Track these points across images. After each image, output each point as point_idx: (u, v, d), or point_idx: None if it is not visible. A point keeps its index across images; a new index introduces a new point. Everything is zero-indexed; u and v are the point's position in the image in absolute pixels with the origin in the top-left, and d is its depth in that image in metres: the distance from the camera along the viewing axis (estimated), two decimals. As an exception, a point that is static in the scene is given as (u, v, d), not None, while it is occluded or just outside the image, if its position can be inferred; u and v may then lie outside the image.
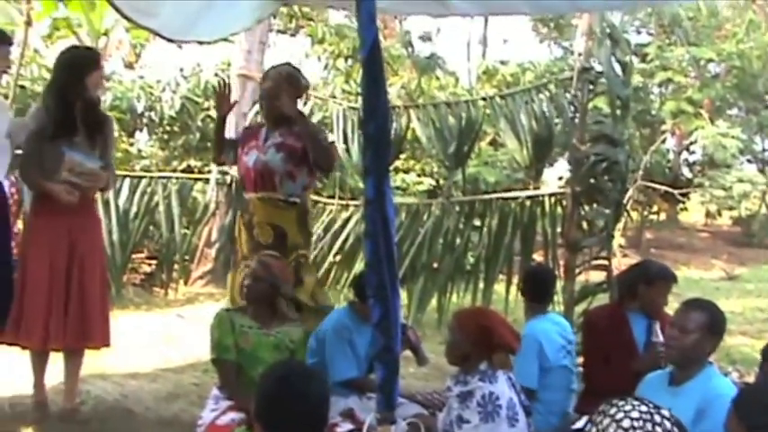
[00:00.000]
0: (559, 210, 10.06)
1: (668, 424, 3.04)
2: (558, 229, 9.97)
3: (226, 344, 5.59)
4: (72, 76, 6.22)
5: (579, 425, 5.28)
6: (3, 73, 6.61)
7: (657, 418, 3.04)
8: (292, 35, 21.07)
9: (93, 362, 6.84)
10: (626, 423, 3.03)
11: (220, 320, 5.68)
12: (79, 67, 6.27)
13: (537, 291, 6.43)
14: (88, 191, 5.96)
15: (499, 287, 10.43)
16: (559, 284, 8.04)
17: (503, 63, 21.34)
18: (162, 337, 9.21)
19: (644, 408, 3.08)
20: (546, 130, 10.02)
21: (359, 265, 10.31)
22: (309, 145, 6.54)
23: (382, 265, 3.92)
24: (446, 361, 5.27)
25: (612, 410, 3.10)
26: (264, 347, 5.62)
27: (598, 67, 9.26)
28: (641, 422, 3.02)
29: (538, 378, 5.97)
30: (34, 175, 6.17)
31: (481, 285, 10.36)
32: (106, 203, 10.13)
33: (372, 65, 4.15)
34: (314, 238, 11.19)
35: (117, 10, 6.60)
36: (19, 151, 6.51)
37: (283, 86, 6.66)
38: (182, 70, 16.89)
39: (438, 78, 19.71)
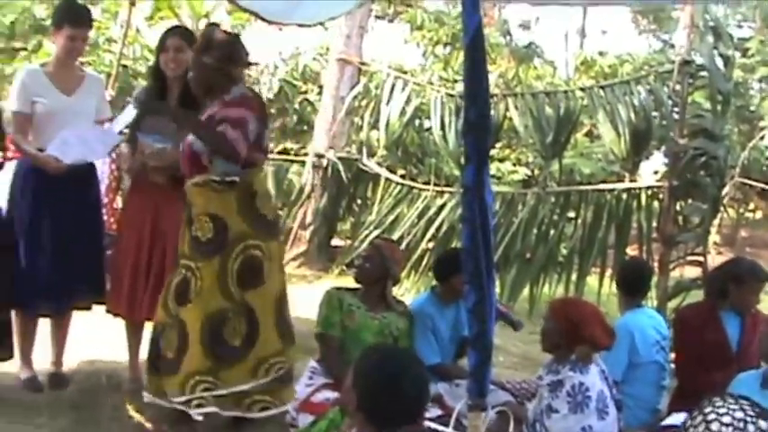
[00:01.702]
0: (655, 204, 9.98)
1: None
2: (654, 224, 9.89)
3: (332, 320, 5.72)
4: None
5: (669, 422, 5.28)
6: (78, 56, 6.49)
7: (751, 429, 2.79)
8: (390, 21, 21.07)
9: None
10: (715, 426, 2.81)
11: (330, 297, 5.81)
12: None
13: (632, 284, 6.37)
14: (176, 171, 5.93)
15: (591, 280, 10.38)
16: (653, 279, 7.96)
17: (601, 54, 21.09)
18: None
19: (739, 414, 2.82)
20: (644, 123, 9.94)
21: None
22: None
23: (479, 251, 3.91)
24: (535, 351, 5.26)
25: (708, 409, 2.87)
26: (368, 329, 5.72)
27: (699, 61, 9.16)
28: (731, 429, 2.79)
29: (628, 372, 5.92)
30: None
31: (574, 277, 10.31)
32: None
33: (475, 51, 4.14)
34: (407, 224, 11.27)
35: (220, -7, 6.69)
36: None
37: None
38: (280, 53, 17.01)
39: (536, 68, 19.60)
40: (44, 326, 6.38)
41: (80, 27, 6.17)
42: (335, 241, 13.15)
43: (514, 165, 15.66)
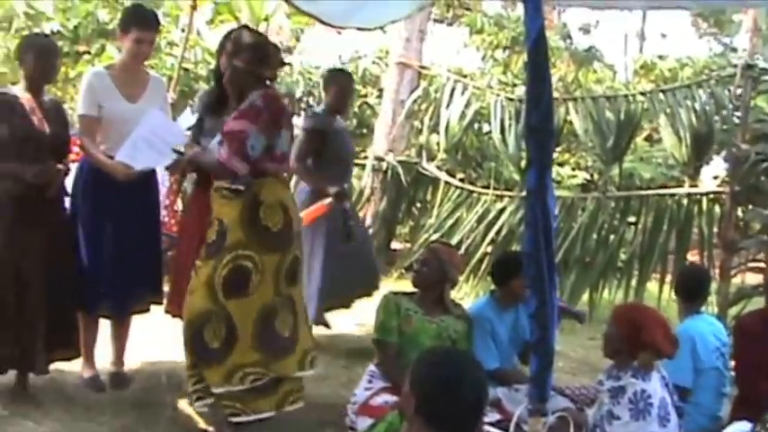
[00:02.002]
0: (717, 209, 9.90)
1: None
2: (715, 229, 9.81)
3: (389, 326, 5.68)
4: None
5: (731, 430, 5.23)
6: (144, 59, 6.52)
7: None
8: (449, 24, 21.08)
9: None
10: None
11: (386, 302, 5.77)
12: None
13: (691, 290, 6.32)
14: None
15: (651, 285, 10.31)
16: (714, 285, 7.89)
17: (661, 58, 20.95)
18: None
19: None
20: (706, 127, 9.88)
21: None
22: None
23: (541, 255, 3.91)
24: (595, 356, 5.23)
25: None
26: (426, 333, 5.66)
27: (762, 65, 9.09)
28: None
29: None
30: None
31: (633, 283, 10.25)
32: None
33: (537, 55, 4.14)
34: (466, 228, 11.26)
35: (281, -5, 6.72)
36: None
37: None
38: (340, 57, 17.06)
39: (595, 71, 19.49)
40: (106, 326, 6.47)
41: (147, 30, 6.23)
42: (394, 244, 13.16)
43: (574, 169, 15.57)
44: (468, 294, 10.52)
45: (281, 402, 5.58)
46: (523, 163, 11.30)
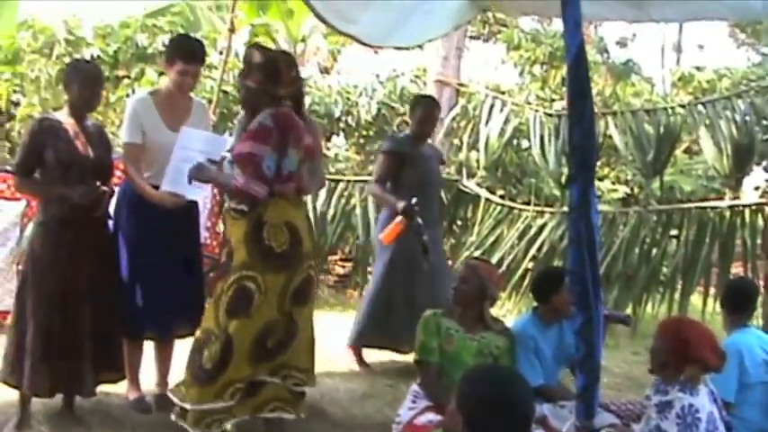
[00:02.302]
0: (760, 221, 9.84)
1: None
2: (758, 241, 9.75)
3: (430, 346, 5.65)
4: None
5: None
6: (189, 90, 6.50)
7: None
8: (485, 41, 21.07)
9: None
10: None
11: (426, 322, 5.73)
12: None
13: (738, 303, 6.27)
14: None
15: (695, 299, 10.25)
16: (759, 298, 7.84)
17: (698, 69, 20.85)
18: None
19: None
20: (746, 138, 9.84)
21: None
22: None
23: (586, 271, 3.91)
24: (639, 371, 5.20)
25: None
26: (468, 351, 5.64)
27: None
28: None
29: (736, 393, 5.83)
30: None
31: (677, 296, 10.19)
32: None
33: (578, 71, 4.15)
34: (507, 245, 11.23)
35: (319, 17, 6.79)
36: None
37: None
38: (378, 76, 17.07)
39: (633, 85, 19.42)
40: (150, 348, 6.55)
41: (192, 63, 6.28)
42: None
43: (614, 183, 15.53)
44: (511, 311, 10.49)
45: (258, 407, 5.67)
46: (563, 178, 11.31)
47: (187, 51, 6.30)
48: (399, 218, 7.45)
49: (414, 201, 7.48)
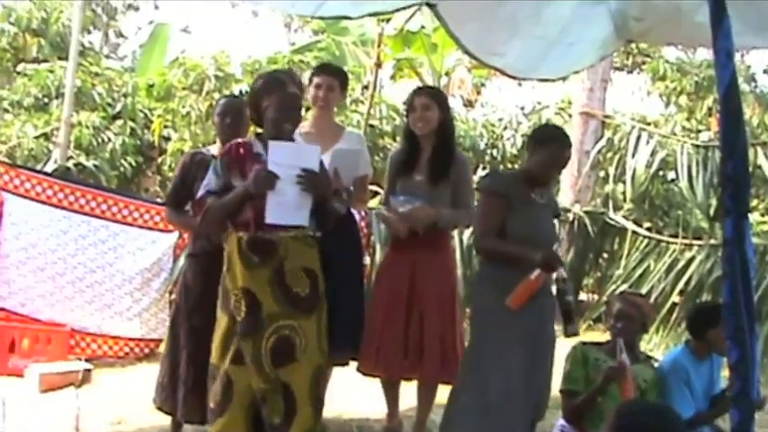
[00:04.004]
0: None
1: None
2: None
3: (575, 376, 5.65)
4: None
5: None
6: (324, 104, 6.44)
7: None
8: (629, 72, 20.88)
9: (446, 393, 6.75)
10: None
11: (574, 353, 5.76)
12: None
13: None
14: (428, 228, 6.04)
15: None
16: None
17: None
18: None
19: None
20: None
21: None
22: None
23: (740, 306, 3.84)
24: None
25: None
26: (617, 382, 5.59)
27: None
28: None
29: None
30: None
31: (831, 331, 9.94)
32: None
33: (730, 103, 4.09)
34: (655, 278, 11.09)
35: (465, 50, 6.85)
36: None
37: None
38: (522, 108, 17.08)
39: (783, 113, 19.02)
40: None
41: (322, 74, 6.39)
42: (581, 296, 13.05)
43: (763, 215, 15.22)
44: (658, 345, 10.35)
45: None
46: (712, 210, 11.14)
47: (319, 66, 6.64)
48: (536, 272, 5.30)
49: (555, 246, 6.31)
